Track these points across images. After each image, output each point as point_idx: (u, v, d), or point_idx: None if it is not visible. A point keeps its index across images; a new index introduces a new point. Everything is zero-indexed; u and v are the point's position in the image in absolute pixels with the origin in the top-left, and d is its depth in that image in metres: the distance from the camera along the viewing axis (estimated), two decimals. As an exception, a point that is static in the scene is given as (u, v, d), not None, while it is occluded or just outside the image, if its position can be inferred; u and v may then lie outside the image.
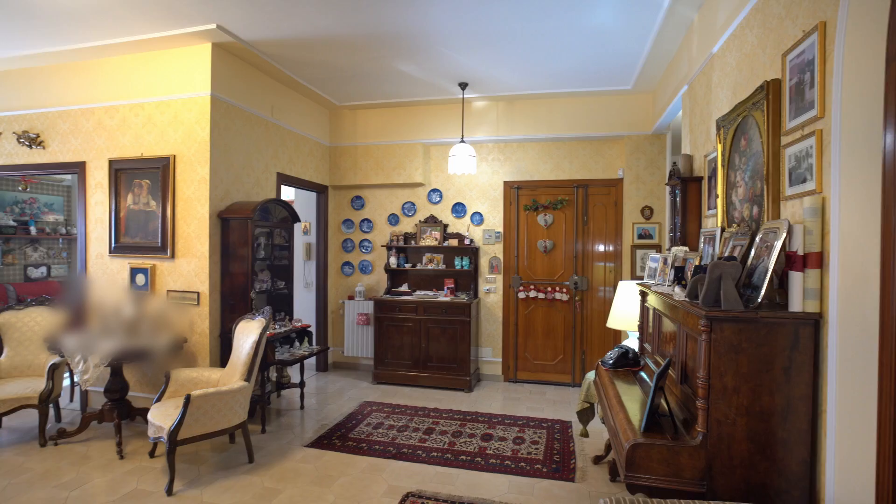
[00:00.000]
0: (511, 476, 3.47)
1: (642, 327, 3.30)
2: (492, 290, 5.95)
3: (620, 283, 3.90)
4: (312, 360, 6.24)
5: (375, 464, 3.64)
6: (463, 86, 5.18)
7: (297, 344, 4.87)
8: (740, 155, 2.51)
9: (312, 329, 5.55)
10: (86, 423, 4.00)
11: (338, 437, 4.10)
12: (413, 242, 6.00)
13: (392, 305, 5.64)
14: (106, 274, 4.62)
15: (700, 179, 3.37)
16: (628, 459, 1.92)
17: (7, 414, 3.85)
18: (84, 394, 4.57)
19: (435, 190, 6.11)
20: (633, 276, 5.44)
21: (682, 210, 3.43)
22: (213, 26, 3.89)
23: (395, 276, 6.08)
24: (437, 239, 5.90)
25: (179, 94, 4.32)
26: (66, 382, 4.98)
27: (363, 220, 6.36)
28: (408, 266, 5.98)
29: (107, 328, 4.10)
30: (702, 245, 2.79)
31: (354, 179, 6.22)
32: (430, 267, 5.91)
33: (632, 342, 3.74)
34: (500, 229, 5.92)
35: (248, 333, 3.73)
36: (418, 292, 5.85)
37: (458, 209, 6.04)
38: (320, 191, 6.20)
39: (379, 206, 6.32)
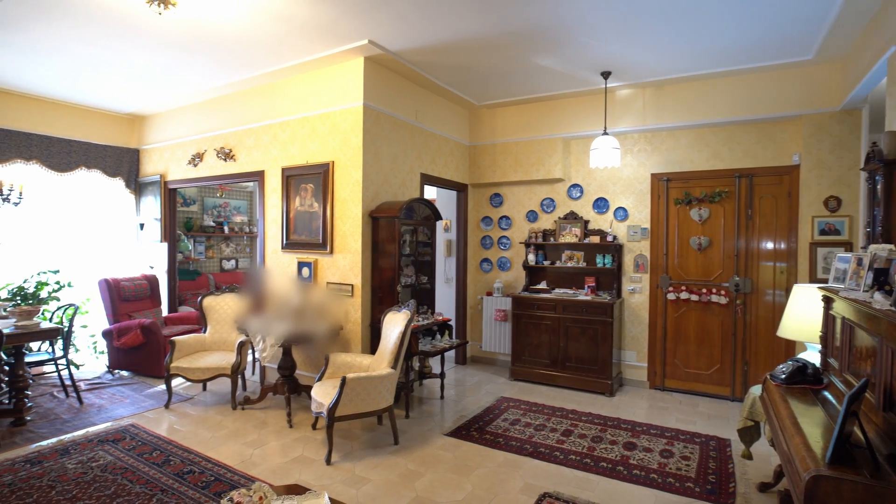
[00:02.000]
0: (657, 491, 3.22)
1: (826, 339, 2.81)
2: (637, 289, 5.56)
3: (795, 287, 3.36)
4: (452, 352, 6.48)
5: (512, 459, 3.65)
6: (605, 75, 4.92)
7: (438, 336, 5.10)
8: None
9: (452, 323, 5.76)
10: (264, 394, 4.68)
11: (475, 430, 4.20)
12: (552, 239, 5.88)
13: (530, 303, 5.60)
14: (279, 267, 5.34)
15: (911, 162, 2.74)
16: (808, 494, 1.65)
17: (210, 380, 4.70)
18: (262, 369, 5.34)
19: (575, 185, 5.91)
20: (813, 279, 4.64)
21: (886, 200, 2.82)
22: (366, 41, 4.24)
23: (533, 274, 6.02)
24: (577, 236, 5.70)
25: (337, 106, 4.80)
26: (250, 358, 5.88)
27: (501, 218, 6.41)
28: (546, 263, 5.88)
29: (280, 313, 4.74)
30: (913, 242, 2.27)
31: (493, 177, 6.30)
32: (569, 264, 5.73)
33: (810, 355, 3.20)
34: (647, 225, 5.50)
35: (394, 324, 4.01)
36: (557, 290, 5.72)
37: (600, 204, 5.76)
38: (460, 189, 6.40)
39: (517, 203, 6.32)
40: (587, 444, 3.93)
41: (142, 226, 6.97)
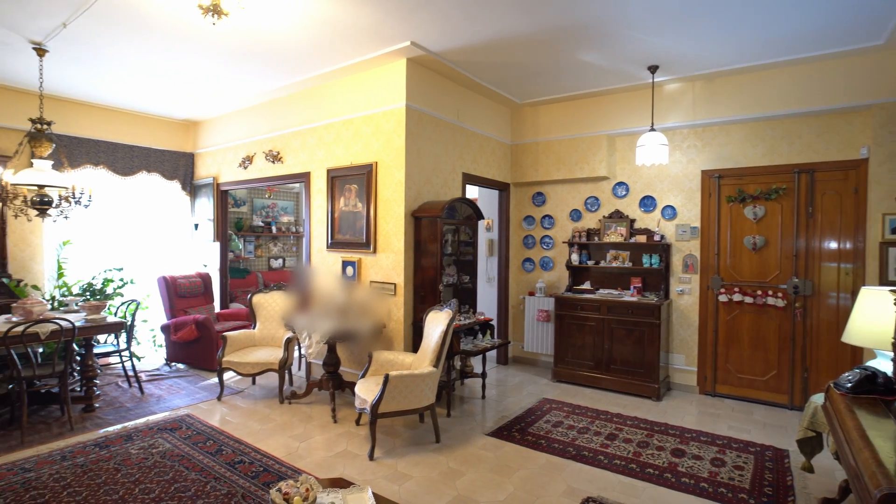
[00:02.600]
0: (707, 501, 3.09)
1: (898, 346, 2.61)
2: (685, 290, 5.36)
3: (864, 289, 3.14)
4: (493, 352, 6.45)
5: (554, 462, 3.60)
6: (653, 69, 4.77)
7: (479, 336, 5.09)
8: None
9: (494, 323, 5.74)
10: (309, 389, 4.81)
11: (517, 430, 4.17)
12: (596, 239, 5.76)
13: (573, 303, 5.50)
14: (324, 265, 5.48)
15: None
16: (876, 509, 1.54)
17: (259, 374, 4.88)
18: (308, 365, 5.49)
19: (620, 183, 5.76)
20: (883, 281, 4.33)
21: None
22: (408, 43, 4.29)
23: (576, 274, 5.91)
24: (622, 235, 5.55)
25: (380, 108, 4.87)
26: (296, 354, 6.06)
27: (544, 217, 6.33)
28: (590, 263, 5.76)
29: (325, 311, 4.86)
30: None
31: (535, 176, 6.22)
32: (614, 264, 5.59)
33: (880, 363, 2.99)
34: (697, 224, 5.29)
35: (436, 323, 4.03)
36: (601, 291, 5.60)
37: (647, 203, 5.58)
38: (502, 188, 6.36)
39: (560, 202, 6.22)
40: (632, 448, 3.82)
41: (196, 226, 7.31)
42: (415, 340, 4.76)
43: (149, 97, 6.07)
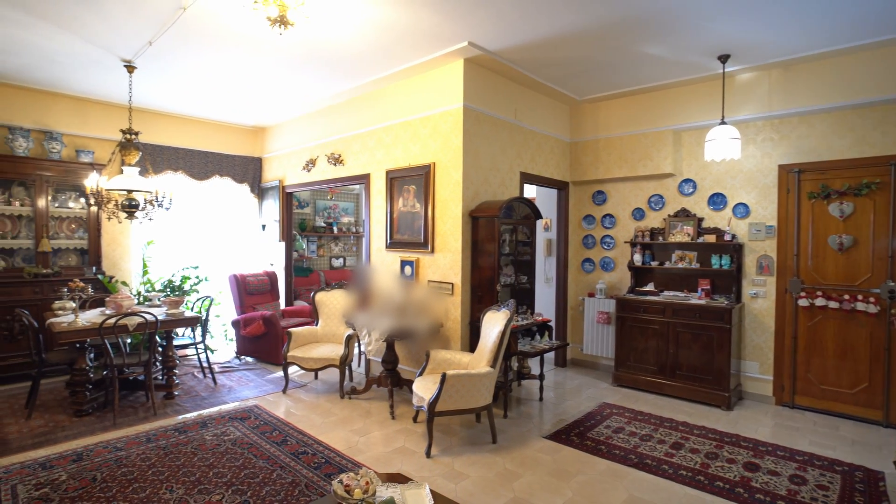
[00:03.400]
0: (787, 520, 2.88)
1: None
2: (760, 293, 5.02)
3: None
4: (551, 354, 6.34)
5: (615, 469, 3.49)
6: (723, 59, 4.50)
7: (537, 337, 5.01)
8: None
9: (552, 324, 5.63)
10: (368, 385, 4.93)
11: (576, 435, 4.07)
12: (660, 238, 5.52)
13: (636, 305, 5.30)
14: (383, 265, 5.60)
15: None
16: None
17: (321, 369, 5.06)
18: (367, 361, 5.63)
19: (687, 180, 5.48)
20: None
21: None
22: (465, 43, 4.30)
23: (639, 275, 5.69)
24: (689, 234, 5.28)
25: (437, 109, 4.91)
26: (356, 350, 6.23)
27: (605, 216, 6.14)
28: (654, 264, 5.52)
29: (384, 309, 4.97)
30: None
31: (596, 174, 6.05)
32: (680, 265, 5.33)
33: None
34: (773, 222, 4.94)
35: (494, 323, 4.02)
36: (666, 293, 5.35)
37: (717, 200, 5.28)
38: (561, 187, 6.24)
39: (622, 201, 6.01)
40: (700, 459, 3.63)
41: (263, 226, 7.70)
42: (472, 340, 4.77)
43: (221, 106, 6.46)
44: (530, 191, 6.67)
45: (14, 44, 4.45)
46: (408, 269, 5.24)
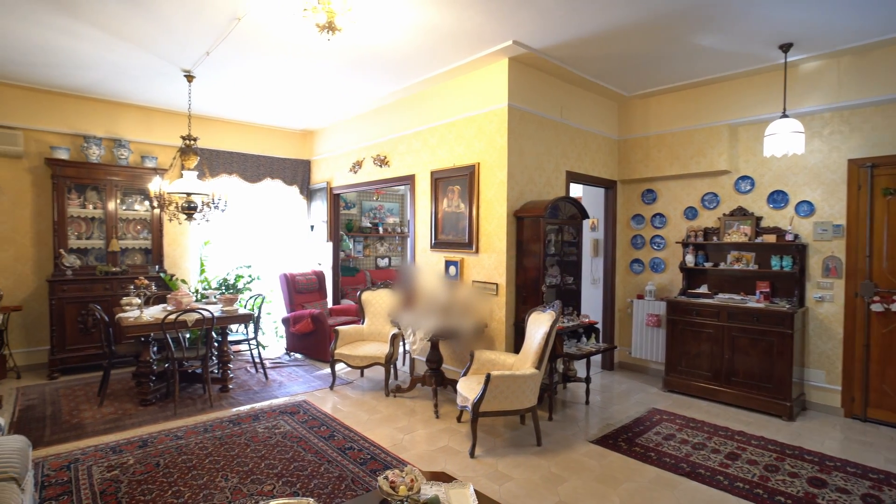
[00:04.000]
0: (856, 540, 2.69)
1: None
2: (826, 297, 4.71)
3: None
4: (598, 357, 6.19)
5: (665, 477, 3.36)
6: (785, 48, 4.25)
7: (583, 339, 4.91)
8: None
9: (599, 326, 5.50)
10: (413, 384, 4.98)
11: (623, 440, 3.96)
12: (715, 238, 5.28)
13: (688, 308, 5.09)
14: (428, 265, 5.64)
15: None
16: None
17: (367, 367, 5.16)
18: (412, 360, 5.69)
19: (744, 177, 5.21)
20: None
21: None
22: (510, 42, 4.27)
23: (691, 276, 5.46)
24: (746, 234, 5.02)
25: (482, 109, 4.90)
26: (401, 349, 6.31)
27: (655, 215, 5.93)
28: (707, 265, 5.28)
29: (428, 309, 5.00)
30: None
31: (645, 172, 5.86)
32: (736, 267, 5.08)
33: None
34: (842, 221, 4.62)
35: (539, 325, 3.96)
36: (720, 295, 5.11)
37: (777, 198, 4.99)
38: (608, 186, 6.08)
39: (673, 200, 5.79)
40: (758, 472, 3.44)
41: (312, 227, 7.93)
42: (516, 341, 4.73)
43: (272, 111, 6.71)
44: (576, 190, 6.55)
45: (92, 60, 4.79)
46: (452, 270, 5.25)
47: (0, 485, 2.14)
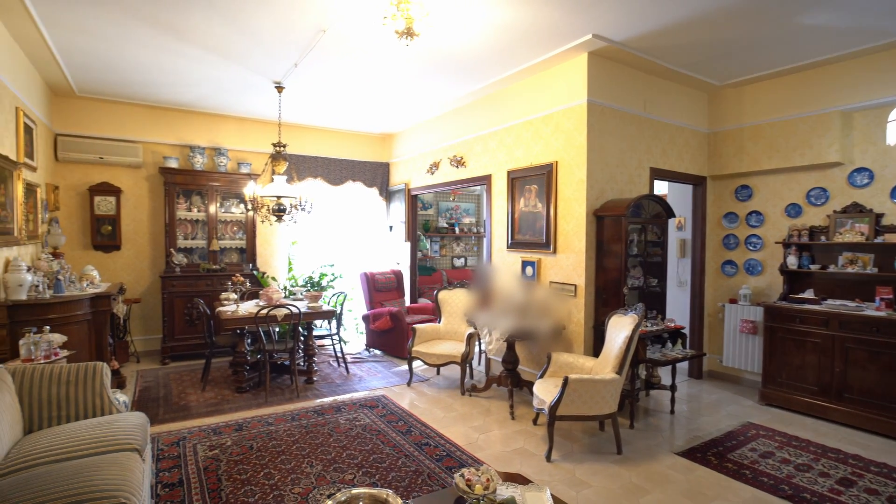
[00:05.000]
0: None
1: None
2: (965, 307, 4.09)
3: None
4: (684, 364, 5.82)
5: (762, 499, 3.09)
6: (913, 21, 3.75)
7: (668, 345, 4.65)
8: None
9: (686, 331, 5.17)
10: (489, 384, 4.97)
11: (713, 454, 3.69)
12: (822, 238, 4.77)
13: (790, 315, 4.64)
14: (504, 265, 5.61)
15: None
16: None
17: (443, 365, 5.23)
18: (487, 360, 5.68)
19: (861, 170, 4.66)
20: None
21: None
22: (589, 36, 4.13)
23: (793, 280, 4.97)
24: (863, 233, 4.49)
25: (559, 106, 4.79)
26: (477, 349, 6.33)
27: (750, 213, 5.47)
28: (813, 268, 4.78)
29: (505, 309, 4.98)
30: None
31: (739, 167, 5.43)
32: (850, 269, 4.55)
33: None
34: None
35: (620, 328, 3.81)
36: (830, 301, 4.61)
37: (901, 193, 4.42)
38: (696, 183, 5.70)
39: (772, 196, 5.31)
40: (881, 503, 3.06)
41: (390, 227, 8.18)
42: (595, 344, 4.57)
43: (353, 116, 7.01)
44: (661, 187, 6.21)
45: (197, 77, 5.29)
46: (529, 270, 5.19)
47: (126, 454, 2.42)
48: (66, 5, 3.69)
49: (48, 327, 3.61)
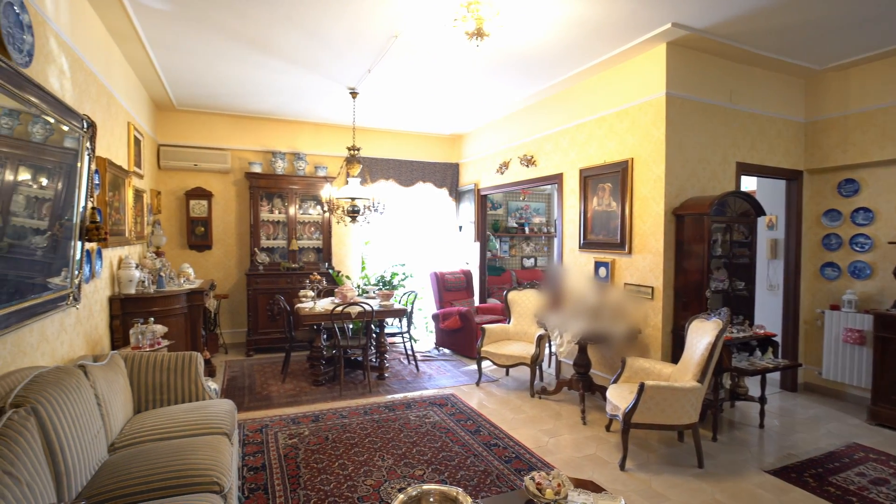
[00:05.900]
0: None
1: None
2: None
3: None
4: (776, 374, 5.36)
5: (872, 528, 2.78)
6: None
7: (757, 353, 4.30)
8: None
9: (777, 339, 4.76)
10: (559, 387, 4.86)
11: (811, 476, 3.37)
12: (946, 238, 4.20)
13: (903, 324, 4.14)
14: (576, 266, 5.47)
15: None
16: None
17: (512, 367, 5.19)
18: (558, 363, 5.56)
19: None
20: None
21: None
22: (668, 26, 3.92)
23: (909, 285, 4.43)
24: None
25: (635, 101, 4.59)
26: (547, 351, 6.21)
27: (856, 210, 4.93)
28: (934, 271, 4.23)
29: (576, 311, 4.85)
30: None
31: (843, 159, 4.91)
32: (980, 274, 3.98)
33: None
34: None
35: (702, 334, 3.58)
36: (955, 310, 4.06)
37: None
38: (791, 177, 5.23)
39: (883, 190, 4.75)
40: None
41: (460, 227, 8.23)
42: (674, 350, 4.33)
43: (423, 118, 7.13)
44: (749, 183, 5.77)
45: (278, 86, 5.62)
46: (602, 271, 5.01)
47: (217, 437, 2.63)
48: (168, 26, 4.06)
49: (152, 319, 4.00)
